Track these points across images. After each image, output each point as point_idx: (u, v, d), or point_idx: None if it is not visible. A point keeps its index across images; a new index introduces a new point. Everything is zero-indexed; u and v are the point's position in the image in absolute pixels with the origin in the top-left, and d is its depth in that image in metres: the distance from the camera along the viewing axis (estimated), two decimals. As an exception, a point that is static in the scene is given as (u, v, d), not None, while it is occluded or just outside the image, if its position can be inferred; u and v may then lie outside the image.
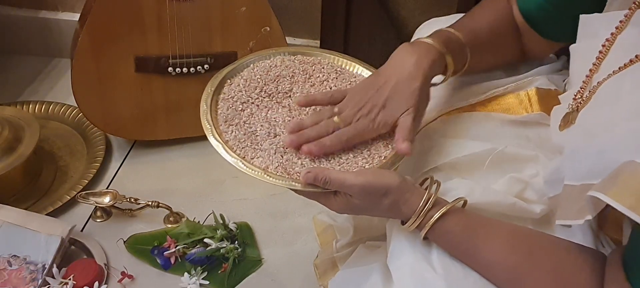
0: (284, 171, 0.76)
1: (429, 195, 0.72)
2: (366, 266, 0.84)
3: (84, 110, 1.34)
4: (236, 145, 0.79)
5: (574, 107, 0.71)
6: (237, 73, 0.88)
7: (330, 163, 0.78)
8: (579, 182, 0.62)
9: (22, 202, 1.28)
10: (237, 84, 0.87)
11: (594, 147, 0.62)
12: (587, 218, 0.60)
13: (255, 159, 0.77)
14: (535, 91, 0.86)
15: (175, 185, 1.37)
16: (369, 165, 0.78)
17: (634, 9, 0.69)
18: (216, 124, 0.81)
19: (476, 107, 0.88)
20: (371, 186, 0.72)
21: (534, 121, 0.84)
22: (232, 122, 0.82)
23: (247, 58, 0.90)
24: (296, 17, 1.64)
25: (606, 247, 0.71)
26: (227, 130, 0.80)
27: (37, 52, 1.75)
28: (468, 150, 0.81)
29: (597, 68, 0.70)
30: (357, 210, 0.76)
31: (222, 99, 0.85)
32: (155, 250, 1.21)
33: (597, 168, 0.59)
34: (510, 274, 0.68)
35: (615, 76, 0.66)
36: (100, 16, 1.24)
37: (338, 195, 0.74)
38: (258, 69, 0.89)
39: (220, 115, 0.82)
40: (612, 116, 0.62)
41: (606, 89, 0.66)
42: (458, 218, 0.72)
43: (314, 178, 0.72)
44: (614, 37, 0.70)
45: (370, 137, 0.80)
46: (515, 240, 0.70)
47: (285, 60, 0.91)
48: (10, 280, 1.10)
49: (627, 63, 0.65)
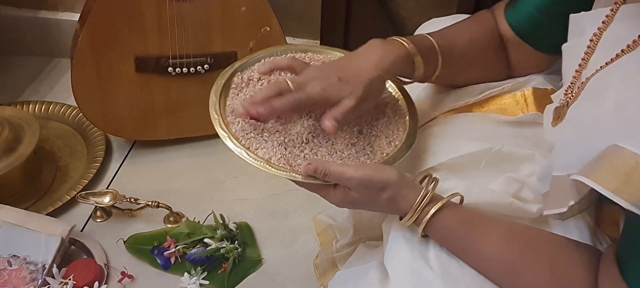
0: (286, 163, 0.77)
1: (425, 191, 0.73)
2: (365, 265, 0.84)
3: (84, 110, 1.34)
4: (242, 136, 0.79)
5: (564, 103, 0.72)
6: (248, 67, 0.89)
7: (331, 157, 0.79)
8: (566, 173, 0.62)
9: (22, 202, 1.29)
10: (247, 77, 0.87)
11: (582, 138, 0.63)
12: (570, 204, 0.61)
13: (259, 150, 0.78)
14: (531, 91, 0.87)
15: (175, 185, 1.37)
16: (370, 161, 0.79)
17: (619, 5, 0.69)
18: (224, 115, 0.82)
19: (473, 108, 0.89)
20: (370, 180, 0.73)
21: (530, 121, 0.84)
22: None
23: (258, 54, 0.91)
24: (296, 17, 1.64)
25: (603, 245, 0.72)
26: (234, 121, 0.81)
27: (37, 52, 1.75)
28: (464, 150, 0.82)
29: (585, 64, 0.71)
30: (355, 203, 0.76)
31: (231, 91, 0.85)
32: (155, 250, 1.21)
33: (585, 159, 0.60)
34: (506, 268, 0.68)
35: (603, 71, 0.67)
36: (100, 16, 1.24)
37: (337, 188, 0.75)
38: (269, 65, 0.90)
39: (228, 107, 0.83)
40: (599, 109, 0.63)
41: (594, 84, 0.67)
42: (454, 213, 0.73)
43: (314, 170, 0.73)
44: (601, 32, 0.70)
45: (317, 105, 0.79)
46: (512, 235, 0.71)
47: (296, 57, 0.91)
48: (10, 280, 1.10)
49: (614, 57, 0.66)
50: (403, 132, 0.84)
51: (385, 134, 0.83)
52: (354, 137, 0.81)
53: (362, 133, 0.82)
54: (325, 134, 0.80)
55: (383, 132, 0.83)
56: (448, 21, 0.98)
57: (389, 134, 0.83)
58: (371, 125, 0.84)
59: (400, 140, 0.82)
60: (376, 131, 0.83)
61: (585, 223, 0.72)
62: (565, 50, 0.76)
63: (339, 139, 0.80)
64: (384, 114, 0.85)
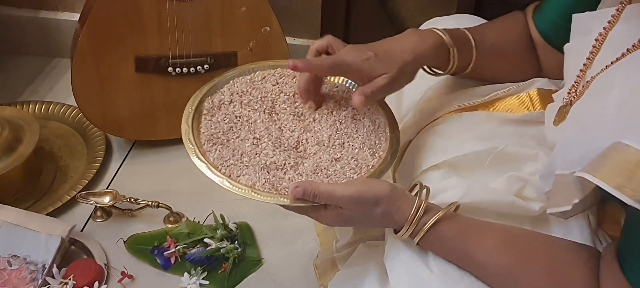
0: (271, 187, 0.75)
1: (419, 202, 0.71)
2: (365, 265, 0.84)
3: (84, 110, 1.34)
4: (221, 163, 0.77)
5: (568, 102, 0.72)
6: (218, 90, 0.87)
7: (317, 175, 0.76)
8: (569, 171, 0.62)
9: (22, 202, 1.28)
10: (218, 101, 0.85)
11: (585, 136, 0.63)
12: (574, 202, 0.61)
13: (241, 177, 0.76)
14: (536, 92, 0.87)
15: (175, 185, 1.37)
16: (357, 175, 0.77)
17: (625, 4, 0.69)
18: (199, 144, 0.79)
19: (478, 108, 0.89)
20: (361, 196, 0.71)
21: (535, 119, 0.84)
22: (216, 140, 0.80)
23: (226, 74, 0.89)
24: (296, 17, 1.64)
25: (604, 244, 0.72)
26: (210, 150, 0.79)
27: (37, 52, 1.74)
28: (468, 149, 0.82)
29: (590, 63, 0.71)
30: (349, 221, 0.75)
31: (204, 117, 0.83)
32: (155, 250, 1.21)
33: (588, 156, 0.59)
34: (504, 274, 0.68)
35: (608, 70, 0.67)
36: (100, 16, 1.24)
37: (328, 208, 0.73)
38: (238, 85, 0.88)
39: (203, 134, 0.81)
40: (603, 106, 0.63)
41: (599, 83, 0.67)
42: (451, 222, 0.72)
43: (303, 192, 0.71)
44: (607, 32, 0.70)
45: (351, 76, 0.81)
46: (509, 240, 0.70)
47: (265, 74, 0.89)
48: (10, 280, 1.10)
49: (619, 57, 0.66)
50: (385, 141, 0.82)
51: (367, 145, 0.81)
52: (337, 152, 0.80)
53: (344, 147, 0.81)
54: (307, 154, 0.79)
55: (365, 144, 0.81)
56: (448, 21, 0.98)
57: (372, 145, 0.81)
58: (352, 137, 0.82)
59: (383, 150, 0.81)
60: (358, 143, 0.81)
61: (587, 223, 0.72)
62: (568, 49, 0.77)
63: (324, 154, 0.79)
64: (363, 125, 0.83)
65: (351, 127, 0.83)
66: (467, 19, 1.02)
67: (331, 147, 0.80)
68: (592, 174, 0.56)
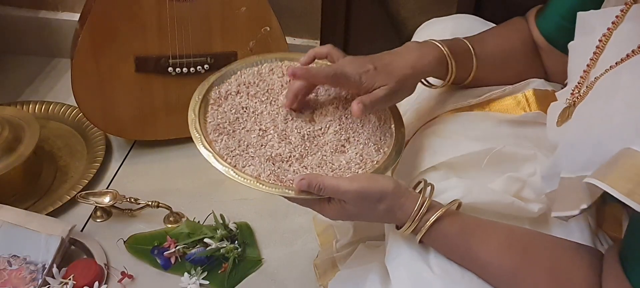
0: (276, 179, 0.75)
1: (423, 199, 0.71)
2: (365, 266, 0.84)
3: (84, 110, 1.34)
4: (227, 153, 0.78)
5: (571, 102, 0.72)
6: (225, 80, 0.87)
7: (322, 169, 0.77)
8: (575, 174, 0.62)
9: (22, 202, 1.28)
10: (225, 91, 0.85)
11: (591, 139, 0.62)
12: (582, 208, 0.61)
13: (246, 167, 0.76)
14: (532, 92, 0.87)
15: (175, 185, 1.37)
16: (361, 170, 0.78)
17: (630, 4, 0.69)
18: (205, 133, 0.80)
19: (474, 108, 0.88)
20: (366, 192, 0.71)
21: (532, 120, 0.84)
22: (222, 130, 0.81)
23: (234, 65, 0.89)
24: (296, 17, 1.64)
25: (604, 245, 0.71)
26: (216, 139, 0.79)
27: (37, 52, 1.74)
28: (466, 149, 0.81)
29: (594, 63, 0.71)
30: (352, 216, 0.75)
31: (210, 107, 0.83)
32: (155, 250, 1.21)
33: (595, 160, 0.59)
34: (506, 274, 0.68)
35: (613, 71, 0.66)
36: (100, 16, 1.24)
37: (332, 202, 0.74)
38: (245, 76, 0.88)
39: (209, 124, 0.81)
40: (609, 108, 0.62)
41: (603, 84, 0.67)
42: (453, 220, 0.72)
43: (308, 185, 0.72)
44: (611, 32, 0.70)
45: (350, 87, 0.81)
46: (511, 240, 0.70)
47: (272, 66, 0.90)
48: (10, 280, 1.10)
49: (624, 57, 0.66)
50: (390, 138, 0.83)
51: (373, 141, 0.81)
52: (342, 147, 0.80)
53: (350, 141, 0.81)
54: (312, 147, 0.79)
55: (370, 140, 0.81)
56: (448, 21, 0.98)
57: (377, 141, 0.82)
58: (358, 133, 0.82)
59: (388, 146, 0.81)
60: (363, 139, 0.81)
61: (586, 224, 0.72)
62: (572, 48, 0.76)
63: (328, 149, 0.79)
64: (369, 121, 0.84)
65: (357, 123, 0.83)
66: (467, 19, 1.02)
67: (337, 141, 0.80)
68: (601, 180, 0.56)
